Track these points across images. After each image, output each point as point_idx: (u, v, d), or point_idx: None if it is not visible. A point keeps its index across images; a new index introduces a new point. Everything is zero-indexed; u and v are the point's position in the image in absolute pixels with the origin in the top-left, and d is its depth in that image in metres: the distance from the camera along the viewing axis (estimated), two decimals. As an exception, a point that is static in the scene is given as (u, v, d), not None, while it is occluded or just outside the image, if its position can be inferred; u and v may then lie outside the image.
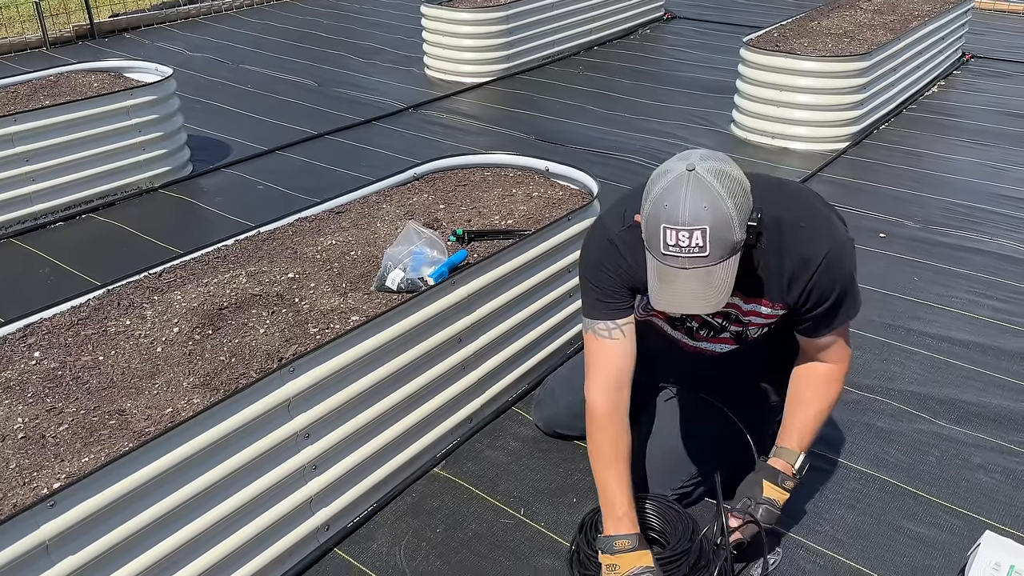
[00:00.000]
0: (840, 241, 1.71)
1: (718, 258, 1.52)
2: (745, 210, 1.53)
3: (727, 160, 1.56)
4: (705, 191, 1.49)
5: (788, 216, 1.67)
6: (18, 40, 6.30)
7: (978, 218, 3.69)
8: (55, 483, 1.52)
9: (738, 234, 1.52)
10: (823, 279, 1.69)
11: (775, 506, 1.79)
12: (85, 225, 3.63)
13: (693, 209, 1.49)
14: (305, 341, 1.93)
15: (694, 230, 1.49)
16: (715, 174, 1.51)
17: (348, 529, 2.01)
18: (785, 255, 1.68)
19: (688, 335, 1.95)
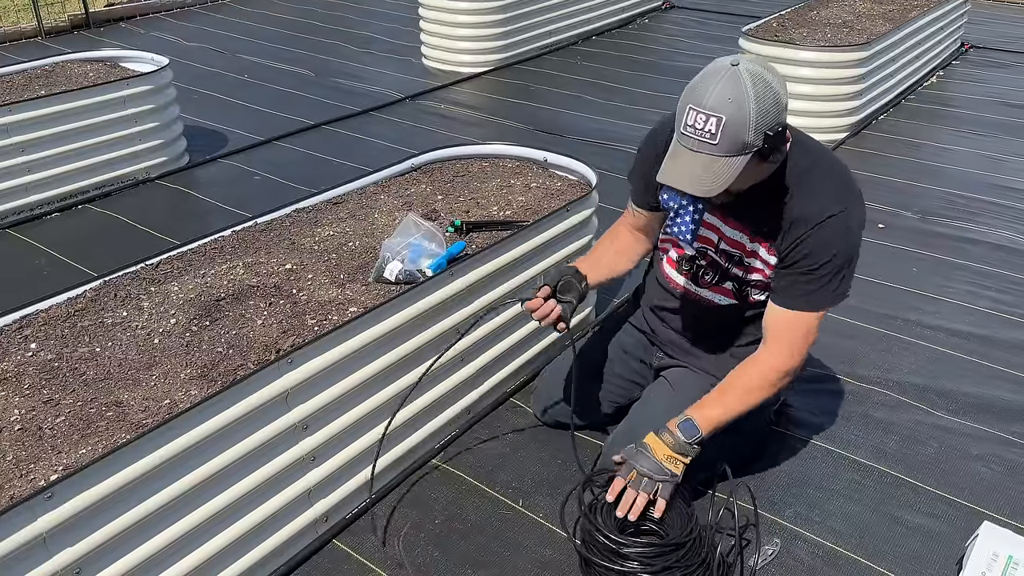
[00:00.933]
0: (850, 219, 1.74)
1: (725, 151, 1.60)
2: (767, 118, 1.59)
3: (773, 72, 1.63)
4: (735, 86, 1.58)
5: (819, 171, 1.78)
6: (13, 29, 6.26)
7: (977, 209, 3.68)
8: (52, 475, 1.52)
9: (751, 136, 1.58)
10: (817, 238, 1.73)
11: (647, 451, 1.79)
12: (81, 216, 3.61)
13: (718, 98, 1.58)
14: (303, 332, 1.92)
15: (711, 116, 1.58)
16: (752, 76, 1.59)
17: (347, 520, 2.01)
18: (798, 198, 1.74)
19: (693, 280, 1.98)
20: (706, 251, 1.96)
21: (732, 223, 1.89)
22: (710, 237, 1.94)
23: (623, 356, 2.24)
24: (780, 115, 1.63)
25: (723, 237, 1.92)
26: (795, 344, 1.84)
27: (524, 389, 2.48)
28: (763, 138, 1.61)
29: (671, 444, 1.80)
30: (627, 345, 2.25)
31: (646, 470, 1.79)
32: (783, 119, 1.64)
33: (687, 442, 1.80)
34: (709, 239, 1.94)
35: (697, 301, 2.02)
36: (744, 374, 1.88)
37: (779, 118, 1.63)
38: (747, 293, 1.94)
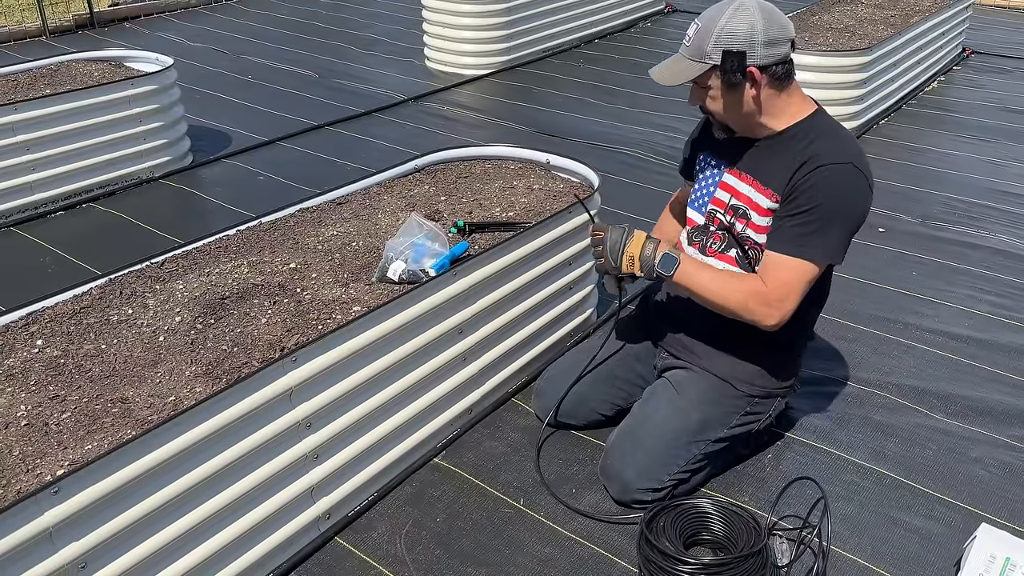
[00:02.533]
0: (859, 178, 1.83)
1: (690, 54, 1.87)
2: (731, 40, 1.79)
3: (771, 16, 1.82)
4: (728, 9, 1.82)
5: (833, 130, 1.90)
6: (17, 29, 6.29)
7: (977, 213, 3.70)
8: (58, 470, 1.53)
9: (710, 47, 1.82)
10: (813, 181, 1.82)
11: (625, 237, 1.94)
12: (85, 214, 3.63)
13: (708, 11, 1.86)
14: (307, 331, 1.94)
15: (695, 23, 1.88)
16: (743, 5, 1.81)
17: (349, 518, 2.02)
18: (807, 147, 1.86)
19: (702, 251, 2.06)
20: (715, 213, 2.02)
21: (745, 177, 1.97)
22: (722, 198, 2.02)
23: (626, 358, 2.25)
24: (747, 44, 1.79)
25: (735, 193, 1.99)
26: (777, 286, 1.87)
27: (526, 389, 2.49)
28: (720, 55, 1.81)
29: (645, 253, 1.94)
30: (630, 347, 2.27)
31: (608, 243, 1.96)
32: (753, 52, 1.80)
33: (654, 266, 1.93)
34: (721, 200, 2.02)
35: None
36: (735, 276, 1.96)
37: (744, 45, 1.79)
38: (748, 262, 1.98)
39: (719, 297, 1.93)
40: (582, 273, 2.63)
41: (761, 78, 1.84)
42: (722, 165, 2.04)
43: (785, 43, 1.84)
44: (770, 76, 1.85)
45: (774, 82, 1.86)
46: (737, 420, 2.06)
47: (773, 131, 1.93)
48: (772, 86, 1.87)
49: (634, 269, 1.95)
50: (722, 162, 2.04)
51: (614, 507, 2.06)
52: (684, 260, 1.94)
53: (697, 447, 2.03)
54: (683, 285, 1.94)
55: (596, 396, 2.24)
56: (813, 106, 1.95)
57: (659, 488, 2.00)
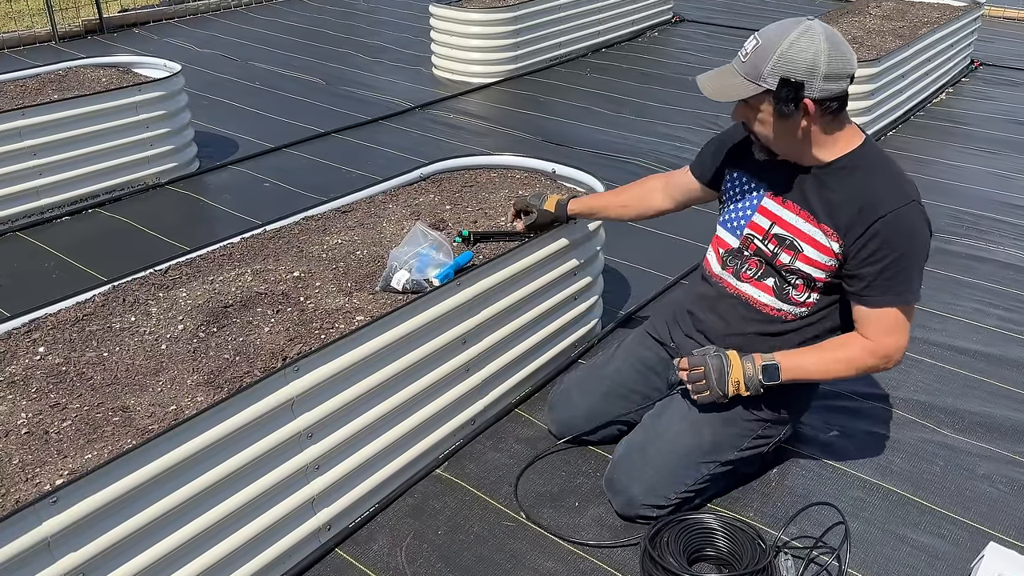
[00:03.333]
0: (916, 216, 1.79)
1: (745, 72, 1.76)
2: (790, 65, 1.70)
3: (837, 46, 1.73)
4: (790, 27, 1.73)
5: (885, 163, 1.84)
6: (27, 34, 6.31)
7: (985, 227, 3.68)
8: (58, 479, 1.52)
9: (768, 69, 1.72)
10: (885, 232, 1.77)
11: (726, 364, 1.91)
12: (91, 220, 3.63)
13: (770, 28, 1.76)
14: (309, 340, 1.93)
15: (754, 38, 1.77)
16: (808, 29, 1.72)
17: (350, 530, 2.01)
18: (864, 183, 1.80)
19: (735, 275, 2.01)
20: (753, 239, 1.96)
21: (791, 206, 1.90)
22: (761, 224, 1.95)
23: (641, 370, 2.22)
24: (807, 75, 1.71)
25: (777, 221, 1.92)
26: (882, 335, 1.85)
27: (529, 400, 2.48)
28: (778, 80, 1.71)
29: (747, 374, 1.90)
30: (645, 359, 2.23)
31: (714, 376, 1.91)
32: (811, 84, 1.72)
33: (761, 382, 1.89)
34: (760, 226, 1.95)
35: (737, 296, 2.01)
36: (840, 346, 1.92)
37: (803, 76, 1.71)
38: (787, 291, 1.93)
39: (834, 374, 1.93)
40: (587, 284, 2.62)
41: (814, 112, 1.76)
42: (761, 189, 1.96)
43: (845, 79, 1.75)
44: (823, 110, 1.77)
45: (826, 116, 1.79)
46: (748, 443, 2.03)
47: (821, 161, 1.85)
48: (823, 119, 1.79)
49: (740, 391, 1.91)
50: (761, 185, 1.97)
51: (617, 521, 2.04)
52: (782, 361, 1.89)
53: (706, 467, 2.01)
54: (793, 379, 1.91)
55: (612, 411, 2.21)
56: (861, 137, 1.87)
57: (664, 505, 1.98)
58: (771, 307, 1.97)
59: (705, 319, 2.09)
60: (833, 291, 1.91)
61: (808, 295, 1.93)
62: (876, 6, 5.74)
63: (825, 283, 1.89)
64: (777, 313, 1.96)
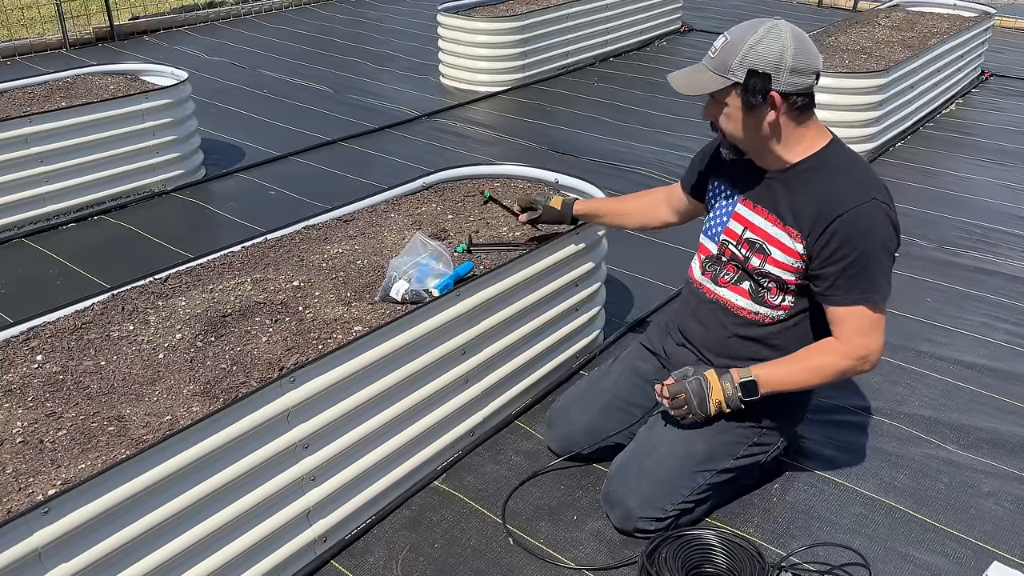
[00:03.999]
0: (875, 213, 1.80)
1: (713, 67, 1.82)
2: (758, 59, 1.75)
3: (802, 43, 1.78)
4: (757, 25, 1.78)
5: (850, 163, 1.87)
6: (39, 41, 6.36)
7: (994, 239, 3.64)
8: (51, 489, 1.52)
9: (736, 63, 1.77)
10: (844, 230, 1.79)
11: (705, 386, 1.92)
12: (96, 227, 3.64)
13: (739, 27, 1.81)
14: (307, 350, 1.92)
15: (722, 36, 1.83)
16: (774, 27, 1.77)
17: (345, 542, 1.99)
18: (826, 184, 1.83)
19: (714, 280, 2.03)
20: (727, 244, 1.99)
21: (761, 210, 1.93)
22: (735, 230, 1.98)
23: (638, 383, 2.20)
24: (774, 68, 1.76)
25: (748, 226, 1.95)
26: (853, 336, 1.86)
27: (528, 412, 2.46)
28: (746, 72, 1.77)
29: (727, 394, 1.91)
30: (642, 371, 2.22)
31: (695, 401, 1.92)
32: (778, 77, 1.76)
33: (741, 399, 1.90)
34: (734, 231, 1.98)
35: (716, 302, 2.03)
36: (814, 356, 1.92)
37: (770, 68, 1.76)
38: (763, 294, 1.95)
39: (813, 382, 1.94)
40: (589, 294, 2.61)
41: (781, 105, 1.80)
42: (735, 195, 2.00)
43: (810, 75, 1.80)
44: (789, 105, 1.81)
45: (792, 112, 1.82)
46: (744, 451, 2.02)
47: (786, 163, 1.88)
48: (790, 115, 1.83)
49: (722, 409, 1.93)
50: (735, 192, 2.00)
51: (616, 535, 2.02)
52: (760, 375, 1.91)
53: (703, 477, 1.99)
54: (772, 392, 1.91)
55: (611, 425, 2.19)
56: (827, 136, 1.90)
57: (662, 518, 1.97)
58: (748, 310, 1.98)
59: (687, 327, 2.12)
60: (806, 293, 1.93)
61: (782, 298, 1.94)
62: (885, 16, 5.72)
63: (796, 285, 1.91)
64: (755, 316, 1.97)
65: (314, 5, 7.97)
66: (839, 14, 7.73)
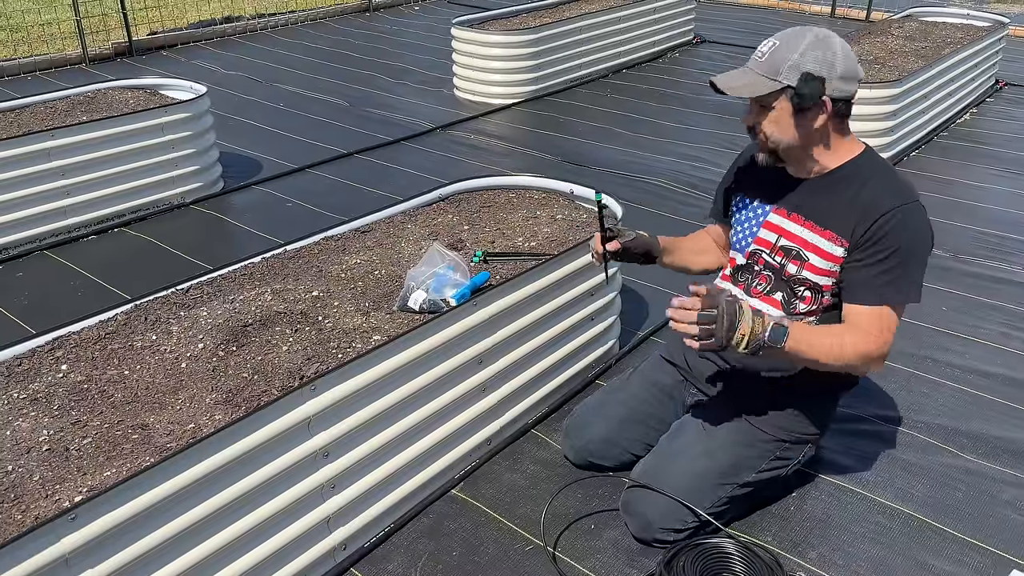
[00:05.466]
0: (917, 214, 1.84)
1: (763, 71, 1.81)
2: (810, 64, 1.77)
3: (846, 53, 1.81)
4: (807, 32, 1.81)
5: (887, 169, 1.90)
6: (59, 56, 6.46)
7: (1010, 248, 3.63)
8: (77, 496, 1.55)
9: (787, 67, 1.78)
10: (887, 229, 1.80)
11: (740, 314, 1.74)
12: (117, 239, 3.69)
13: (787, 32, 1.83)
14: (327, 360, 1.94)
15: (771, 40, 1.83)
16: (824, 36, 1.80)
17: (365, 549, 2.01)
18: (864, 189, 1.84)
19: (746, 291, 2.03)
20: (760, 254, 1.99)
21: (796, 218, 1.94)
22: (768, 238, 1.98)
23: (658, 395, 2.21)
24: (825, 72, 1.78)
25: (783, 233, 1.95)
26: (880, 334, 1.85)
27: (545, 421, 2.48)
28: (798, 77, 1.77)
29: (755, 331, 1.75)
30: (661, 383, 2.22)
31: (725, 323, 1.73)
32: (830, 81, 1.78)
33: (766, 341, 1.76)
34: (767, 240, 1.98)
35: None
36: (845, 329, 1.86)
37: (823, 73, 1.77)
38: (794, 304, 1.95)
39: (831, 355, 1.83)
40: (604, 304, 2.62)
41: (830, 110, 1.82)
42: (767, 205, 2.00)
43: (856, 82, 1.84)
44: (835, 111, 1.83)
45: (836, 118, 1.85)
46: (766, 464, 2.02)
47: (824, 168, 1.90)
48: (834, 121, 1.85)
49: (743, 345, 1.77)
50: (766, 201, 2.00)
51: (634, 544, 2.03)
52: (795, 331, 1.80)
53: (724, 490, 1.99)
54: (792, 352, 1.80)
55: (628, 437, 2.20)
56: (862, 145, 1.93)
57: (682, 529, 1.97)
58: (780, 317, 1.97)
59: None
60: (836, 298, 1.93)
61: (815, 304, 1.94)
62: (899, 26, 5.72)
63: (831, 290, 1.92)
64: None
65: (329, 20, 8.05)
66: (852, 24, 7.73)
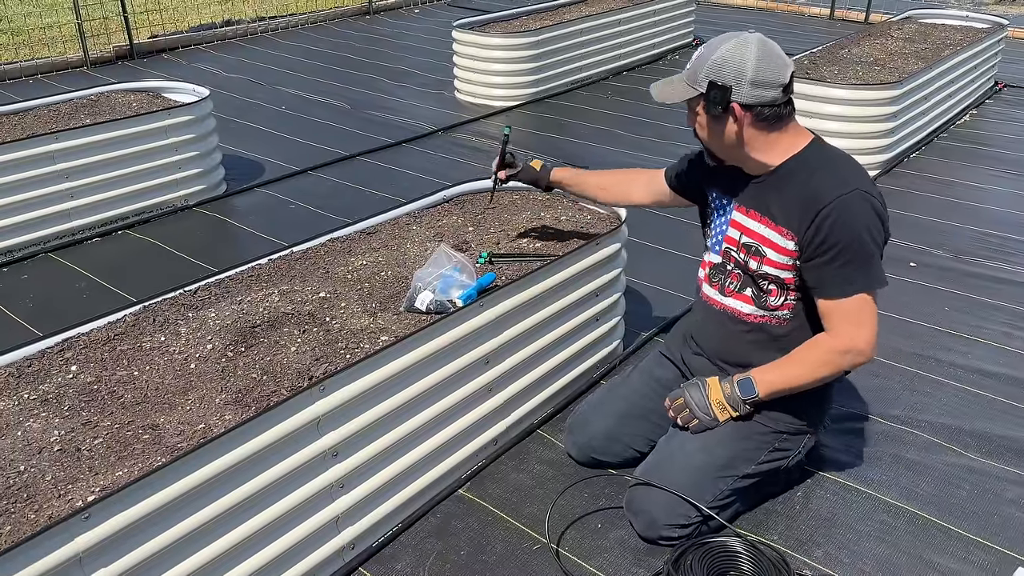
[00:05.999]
0: (858, 203, 1.83)
1: (684, 78, 1.91)
2: (719, 72, 1.83)
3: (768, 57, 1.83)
4: (729, 42, 1.84)
5: (831, 159, 1.91)
6: (60, 59, 6.47)
7: (1011, 248, 3.65)
8: (90, 496, 1.55)
9: (701, 76, 1.86)
10: (830, 221, 1.82)
11: (704, 388, 2.00)
12: (120, 241, 3.70)
13: (716, 39, 1.88)
14: (335, 360, 1.95)
15: (700, 48, 1.92)
16: (742, 41, 1.83)
17: (373, 549, 2.02)
18: (811, 181, 1.87)
19: (720, 291, 2.07)
20: (730, 252, 2.03)
21: (754, 214, 1.97)
22: (734, 236, 2.02)
23: (658, 389, 2.22)
24: (734, 80, 1.82)
25: (744, 230, 1.99)
26: (846, 329, 1.88)
27: (551, 421, 2.49)
28: (707, 84, 1.85)
29: (726, 393, 1.97)
30: (661, 378, 2.25)
31: (693, 403, 1.99)
32: (739, 89, 1.82)
33: (741, 398, 1.95)
34: (733, 238, 2.03)
35: (723, 311, 2.07)
36: (806, 350, 1.94)
37: (731, 81, 1.82)
38: (765, 298, 1.98)
39: (807, 377, 1.94)
40: (609, 305, 2.63)
41: (744, 116, 1.86)
42: (731, 203, 2.04)
43: (774, 88, 1.83)
44: (755, 116, 1.86)
45: (759, 123, 1.87)
46: (765, 456, 2.03)
47: (768, 166, 1.93)
48: (756, 126, 1.88)
49: (727, 415, 1.98)
50: (730, 200, 2.04)
51: (640, 543, 2.04)
52: (756, 377, 1.96)
53: (724, 483, 2.01)
54: (775, 392, 1.95)
55: (629, 432, 2.22)
56: (808, 137, 1.94)
57: (686, 524, 1.98)
58: (753, 315, 2.02)
59: (700, 338, 2.16)
60: (806, 291, 1.95)
61: (784, 298, 1.97)
62: (898, 28, 5.74)
63: (794, 283, 1.94)
64: (760, 320, 2.01)
65: (329, 23, 8.07)
66: (851, 26, 7.76)
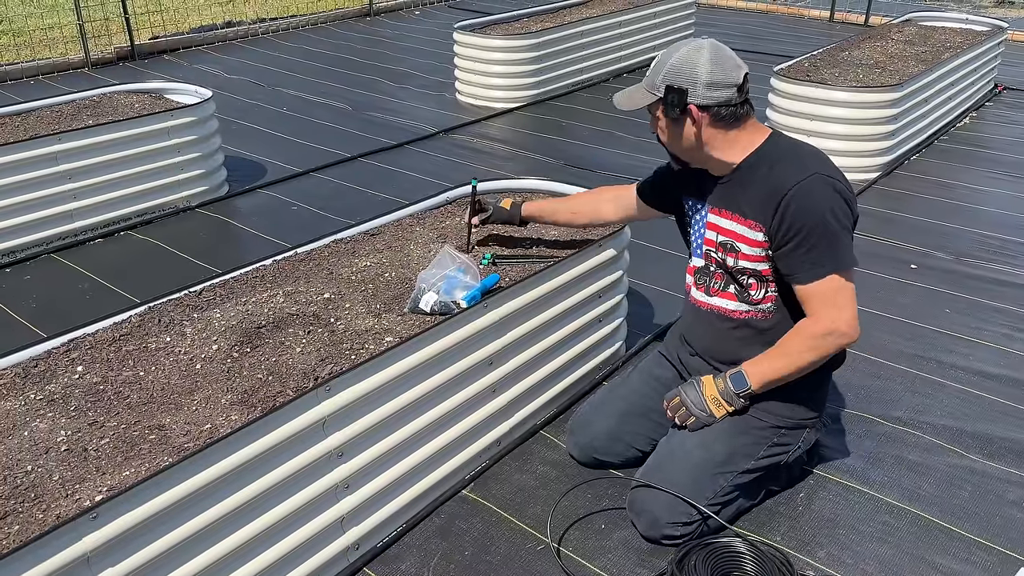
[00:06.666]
0: (819, 186, 1.88)
1: (645, 84, 1.97)
2: (674, 76, 1.89)
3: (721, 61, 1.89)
4: (684, 48, 1.92)
5: (791, 150, 1.97)
6: (61, 61, 6.47)
7: (1012, 251, 3.66)
8: (97, 495, 1.56)
9: (659, 80, 1.92)
10: (792, 208, 1.86)
11: (699, 386, 2.05)
12: (123, 242, 3.71)
13: (672, 47, 1.96)
14: (340, 361, 1.96)
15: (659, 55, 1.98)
16: (696, 46, 1.91)
17: (378, 549, 2.03)
18: (772, 172, 1.92)
19: (706, 292, 2.11)
20: (710, 253, 2.07)
21: (725, 213, 2.01)
22: (712, 238, 2.06)
23: (658, 388, 2.24)
24: (689, 83, 1.88)
25: (719, 230, 2.03)
26: (825, 312, 1.91)
27: (555, 422, 2.49)
28: (664, 88, 1.91)
29: (720, 389, 2.02)
30: (661, 377, 2.28)
31: (689, 401, 2.03)
32: (694, 91, 1.88)
33: (735, 392, 2.00)
34: (711, 240, 2.06)
35: (711, 311, 2.10)
36: (790, 338, 1.97)
37: (685, 84, 1.88)
38: (746, 293, 2.02)
39: (794, 365, 1.96)
40: (612, 306, 2.64)
41: (701, 117, 1.91)
42: (705, 207, 2.08)
43: (728, 88, 1.89)
44: (712, 116, 1.91)
45: (717, 122, 1.92)
46: (764, 451, 2.05)
47: (730, 164, 1.97)
48: (714, 126, 1.93)
49: (723, 410, 2.02)
50: (705, 203, 2.08)
51: (644, 544, 2.05)
52: (747, 370, 2.00)
53: (724, 479, 2.02)
54: (767, 383, 1.99)
55: (631, 431, 2.23)
56: (766, 133, 1.99)
57: (688, 522, 1.99)
58: (739, 311, 2.05)
59: (693, 339, 2.19)
60: (784, 282, 1.98)
61: (764, 290, 2.00)
62: (898, 31, 5.76)
63: (771, 275, 1.97)
64: (746, 315, 2.04)
65: (330, 24, 8.08)
66: (852, 29, 7.78)
